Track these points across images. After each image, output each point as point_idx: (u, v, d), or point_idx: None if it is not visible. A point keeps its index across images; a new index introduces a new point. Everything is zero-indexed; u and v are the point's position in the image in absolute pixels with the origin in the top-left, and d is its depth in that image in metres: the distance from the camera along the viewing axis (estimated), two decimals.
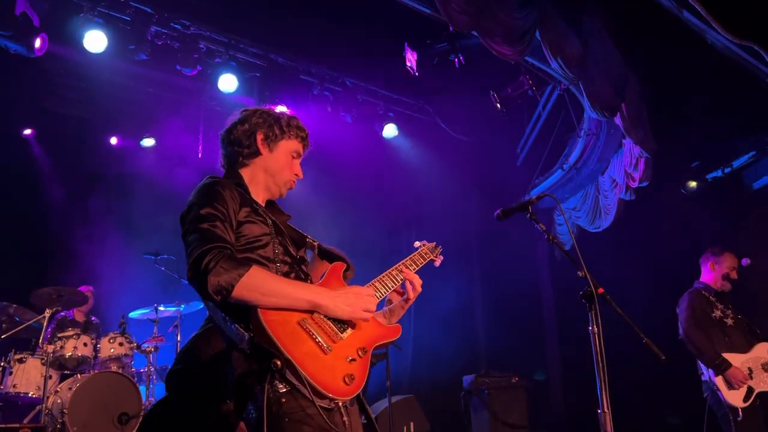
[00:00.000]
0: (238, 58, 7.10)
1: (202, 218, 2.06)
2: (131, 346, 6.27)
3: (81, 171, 7.89)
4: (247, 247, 2.14)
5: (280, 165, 2.38)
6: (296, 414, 1.92)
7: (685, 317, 4.91)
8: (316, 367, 1.91)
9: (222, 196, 2.14)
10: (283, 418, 1.93)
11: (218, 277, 1.91)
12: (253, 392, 1.98)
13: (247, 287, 1.93)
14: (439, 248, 2.77)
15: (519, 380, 6.63)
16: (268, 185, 2.39)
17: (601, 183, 7.53)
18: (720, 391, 4.64)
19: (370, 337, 2.16)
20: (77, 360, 5.96)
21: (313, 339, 1.97)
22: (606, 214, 7.40)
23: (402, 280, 2.40)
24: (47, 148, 7.71)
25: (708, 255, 5.17)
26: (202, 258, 1.94)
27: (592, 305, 2.68)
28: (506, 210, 3.05)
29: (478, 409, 6.59)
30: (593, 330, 2.68)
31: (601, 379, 2.61)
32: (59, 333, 6.03)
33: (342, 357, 2.00)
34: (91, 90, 7.28)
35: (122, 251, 7.68)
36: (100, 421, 5.44)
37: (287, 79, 7.32)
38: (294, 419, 1.92)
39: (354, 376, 1.96)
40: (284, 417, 1.93)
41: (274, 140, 2.37)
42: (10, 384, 5.69)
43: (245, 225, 2.16)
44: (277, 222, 2.32)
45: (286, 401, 1.93)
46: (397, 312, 2.43)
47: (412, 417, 6.55)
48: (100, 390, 5.58)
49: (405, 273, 2.39)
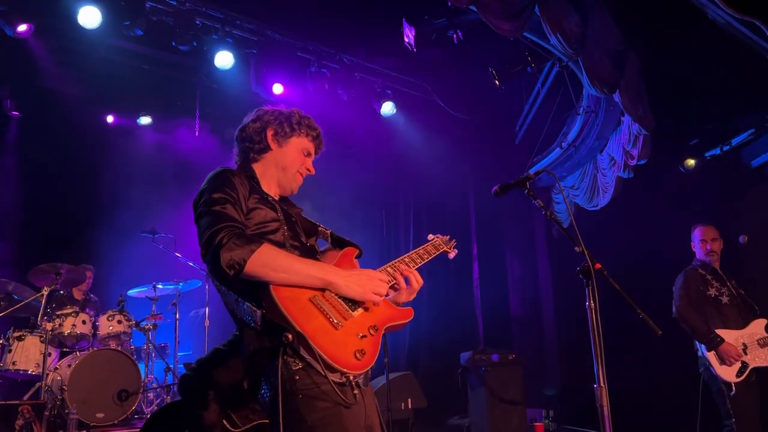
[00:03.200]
0: (234, 34, 7.02)
1: (213, 201, 2.11)
2: (130, 323, 6.30)
3: (77, 149, 7.83)
4: (257, 231, 2.17)
5: (289, 160, 2.43)
6: (311, 390, 1.94)
7: (679, 295, 4.94)
8: (326, 341, 1.92)
9: (232, 182, 2.20)
10: (297, 395, 1.95)
11: (231, 252, 1.94)
12: (265, 370, 2.01)
13: (259, 263, 1.95)
14: (454, 241, 2.80)
15: (516, 357, 6.68)
16: (279, 180, 2.44)
17: (599, 161, 7.50)
18: (712, 366, 4.68)
19: (381, 317, 2.18)
20: (76, 337, 5.99)
21: (324, 315, 1.99)
22: (604, 192, 7.38)
23: (414, 267, 2.44)
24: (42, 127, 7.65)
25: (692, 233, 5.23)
26: (215, 235, 1.98)
27: (589, 281, 2.68)
28: (504, 186, 3.03)
29: (475, 386, 6.65)
30: (590, 305, 2.68)
31: (598, 355, 2.62)
32: (58, 311, 6.05)
33: (353, 333, 2.01)
34: (86, 67, 7.21)
35: (120, 229, 7.67)
36: (100, 398, 5.49)
37: (284, 56, 7.23)
38: (308, 395, 1.94)
39: (365, 352, 1.97)
40: (298, 394, 1.95)
41: (284, 136, 2.43)
42: (9, 361, 5.72)
43: (255, 210, 2.20)
44: (288, 211, 2.36)
45: (300, 378, 1.95)
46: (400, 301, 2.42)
47: (409, 393, 6.62)
48: (99, 367, 5.62)
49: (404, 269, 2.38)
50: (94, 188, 8.01)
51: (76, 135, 7.85)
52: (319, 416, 1.94)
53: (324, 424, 1.94)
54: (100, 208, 7.95)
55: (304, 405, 1.94)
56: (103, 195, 8.05)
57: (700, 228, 5.17)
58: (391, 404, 6.04)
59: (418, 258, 2.54)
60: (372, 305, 2.16)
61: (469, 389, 6.75)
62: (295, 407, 1.95)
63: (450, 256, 2.75)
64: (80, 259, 6.92)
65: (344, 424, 1.96)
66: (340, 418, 1.96)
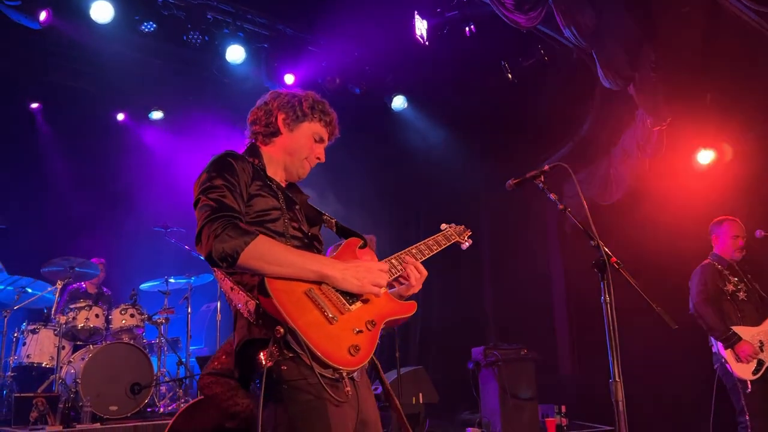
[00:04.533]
0: (246, 28, 7.03)
1: (212, 188, 2.05)
2: (142, 317, 6.33)
3: (90, 144, 7.87)
4: (257, 220, 2.11)
5: (299, 145, 2.33)
6: (297, 381, 1.89)
7: (696, 292, 4.88)
8: (319, 335, 1.86)
9: (233, 167, 2.13)
10: (282, 384, 1.90)
11: (223, 243, 1.89)
12: (255, 361, 1.96)
13: (252, 255, 1.91)
14: (468, 231, 2.70)
15: (528, 352, 6.64)
16: (287, 165, 2.35)
17: (612, 155, 7.43)
18: (728, 363, 4.63)
19: (381, 311, 2.08)
20: (89, 331, 6.03)
21: (319, 309, 1.93)
22: (617, 187, 7.32)
23: (422, 258, 2.36)
24: (55, 122, 7.69)
25: (711, 227, 5.13)
26: (210, 225, 1.93)
27: (604, 275, 2.64)
28: (519, 180, 3.00)
29: (486, 381, 6.62)
30: (605, 300, 2.64)
31: (613, 349, 2.59)
32: (71, 304, 6.10)
33: (348, 328, 1.94)
34: (98, 62, 7.23)
35: (133, 224, 7.71)
36: (113, 391, 5.53)
37: (295, 50, 7.24)
38: (293, 386, 1.89)
39: (359, 348, 1.89)
40: (283, 383, 1.89)
41: (295, 121, 2.33)
42: (24, 354, 5.79)
43: (256, 198, 2.14)
44: (293, 198, 2.30)
45: (287, 369, 1.89)
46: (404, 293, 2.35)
47: (420, 388, 6.60)
48: (112, 360, 5.65)
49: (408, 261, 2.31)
50: (107, 182, 8.05)
51: (89, 129, 7.90)
52: (300, 408, 1.89)
53: (305, 417, 1.89)
54: (113, 203, 7.99)
55: (287, 395, 1.89)
56: (116, 189, 8.09)
57: (730, 223, 5.03)
58: (403, 400, 6.03)
59: (426, 249, 2.44)
60: (372, 298, 2.09)
61: (481, 384, 6.72)
62: (279, 397, 1.90)
63: (463, 246, 2.65)
64: (93, 253, 6.96)
65: (327, 419, 1.90)
66: (323, 412, 1.90)
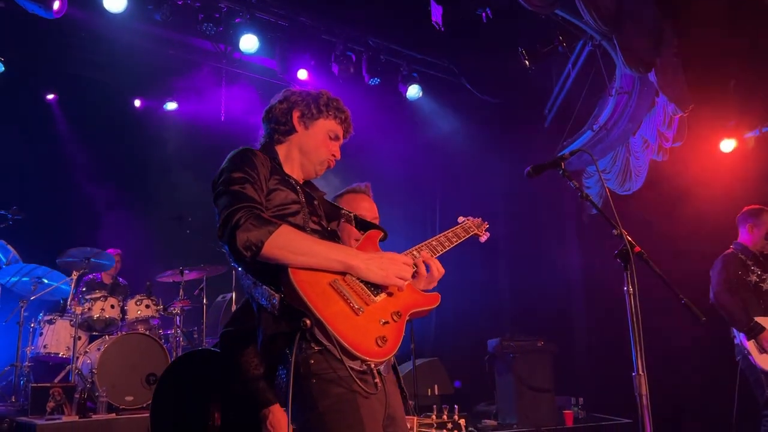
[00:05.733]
0: (259, 17, 6.98)
1: (232, 181, 2.03)
2: (158, 308, 6.34)
3: (105, 135, 7.89)
4: (278, 214, 2.09)
5: (315, 143, 2.34)
6: (326, 374, 1.85)
7: (717, 281, 4.77)
8: (346, 327, 1.83)
9: (253, 161, 2.13)
10: (311, 378, 1.86)
11: (248, 233, 1.87)
12: (282, 355, 1.93)
13: (277, 245, 1.88)
14: (486, 224, 2.68)
15: (544, 344, 6.57)
16: (303, 163, 2.35)
17: (632, 144, 7.29)
18: (751, 355, 4.52)
19: (405, 302, 2.07)
20: (105, 321, 6.05)
21: (344, 300, 1.90)
22: (636, 176, 7.18)
23: (442, 250, 2.35)
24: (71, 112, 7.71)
25: (745, 215, 4.97)
26: (233, 216, 1.90)
27: (627, 265, 2.56)
28: (537, 167, 2.91)
29: (502, 373, 6.57)
30: (628, 291, 2.56)
31: (636, 342, 2.51)
32: (87, 295, 6.13)
33: (375, 319, 1.92)
34: (112, 53, 7.22)
35: (147, 214, 7.71)
36: (129, 382, 5.55)
37: (309, 39, 7.17)
38: (323, 379, 1.86)
39: (387, 339, 1.87)
40: (312, 377, 1.86)
41: (310, 118, 2.34)
42: (41, 345, 5.82)
43: (275, 192, 2.13)
44: (311, 193, 2.29)
45: (315, 362, 1.86)
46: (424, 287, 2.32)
47: (436, 380, 6.57)
48: (128, 351, 5.67)
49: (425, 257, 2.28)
50: (122, 173, 8.06)
51: (105, 119, 7.90)
52: (331, 402, 1.85)
53: (336, 410, 1.85)
54: (128, 193, 8.00)
55: (317, 389, 1.86)
56: (131, 180, 8.10)
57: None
58: (418, 391, 5.99)
59: (446, 241, 2.43)
60: (396, 290, 2.06)
61: (497, 376, 6.67)
62: (308, 391, 1.86)
63: (482, 239, 2.63)
64: (109, 243, 6.97)
65: (358, 412, 1.85)
66: (354, 405, 1.86)
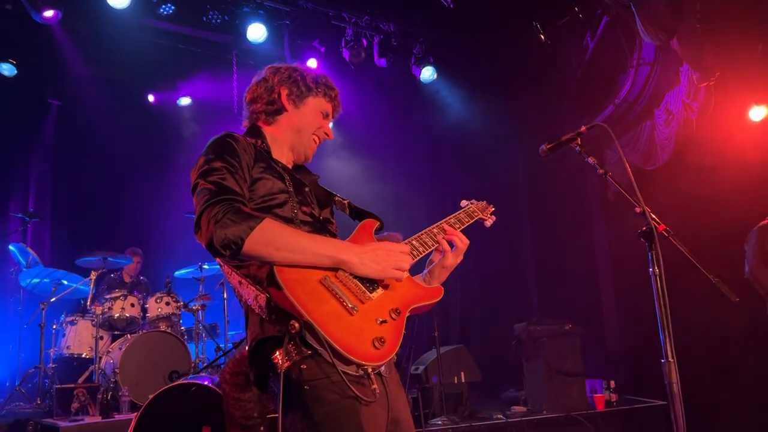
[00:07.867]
0: (266, 5, 6.87)
1: (211, 171, 1.86)
2: (178, 305, 6.31)
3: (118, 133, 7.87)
4: (263, 205, 1.93)
5: (307, 121, 2.17)
6: (319, 381, 1.70)
7: (752, 254, 4.58)
8: (339, 328, 1.67)
9: (234, 148, 1.95)
10: (303, 386, 1.71)
11: (225, 229, 1.70)
12: (271, 360, 1.77)
13: (259, 241, 1.71)
14: (491, 207, 2.47)
15: (573, 327, 6.39)
16: (294, 145, 2.17)
17: (656, 117, 7.03)
18: None
19: (404, 297, 1.89)
20: (126, 320, 6.05)
21: (336, 298, 1.74)
22: (662, 150, 6.93)
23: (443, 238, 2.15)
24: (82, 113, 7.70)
25: None
26: (210, 210, 1.74)
27: (652, 244, 2.39)
28: (553, 144, 2.75)
29: (530, 358, 6.42)
30: (654, 272, 2.39)
31: (664, 326, 2.35)
32: (107, 294, 6.12)
33: (371, 318, 1.75)
34: (119, 50, 7.18)
35: (164, 211, 7.69)
36: (152, 379, 5.52)
37: (318, 25, 7.05)
38: (315, 387, 1.71)
39: (385, 340, 1.71)
40: (304, 385, 1.71)
41: (300, 96, 2.16)
42: (64, 345, 5.85)
43: (260, 181, 1.96)
44: (301, 180, 2.11)
45: (306, 368, 1.70)
46: (437, 274, 2.15)
47: (462, 367, 6.44)
48: (149, 349, 5.65)
49: (448, 231, 2.11)
50: (139, 171, 8.05)
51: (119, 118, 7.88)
52: (327, 410, 1.70)
53: (333, 418, 1.70)
54: (146, 191, 7.99)
55: (311, 397, 1.70)
56: (148, 177, 8.09)
57: None
58: (444, 379, 5.88)
59: (449, 227, 2.21)
60: (394, 284, 1.89)
61: (524, 361, 6.53)
62: (301, 400, 1.71)
63: (487, 224, 2.41)
64: (128, 242, 6.97)
65: (358, 419, 1.70)
66: (353, 411, 1.70)
